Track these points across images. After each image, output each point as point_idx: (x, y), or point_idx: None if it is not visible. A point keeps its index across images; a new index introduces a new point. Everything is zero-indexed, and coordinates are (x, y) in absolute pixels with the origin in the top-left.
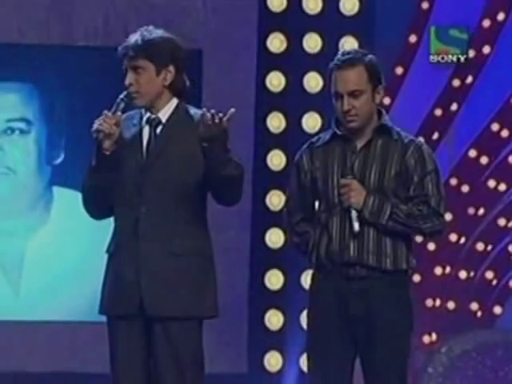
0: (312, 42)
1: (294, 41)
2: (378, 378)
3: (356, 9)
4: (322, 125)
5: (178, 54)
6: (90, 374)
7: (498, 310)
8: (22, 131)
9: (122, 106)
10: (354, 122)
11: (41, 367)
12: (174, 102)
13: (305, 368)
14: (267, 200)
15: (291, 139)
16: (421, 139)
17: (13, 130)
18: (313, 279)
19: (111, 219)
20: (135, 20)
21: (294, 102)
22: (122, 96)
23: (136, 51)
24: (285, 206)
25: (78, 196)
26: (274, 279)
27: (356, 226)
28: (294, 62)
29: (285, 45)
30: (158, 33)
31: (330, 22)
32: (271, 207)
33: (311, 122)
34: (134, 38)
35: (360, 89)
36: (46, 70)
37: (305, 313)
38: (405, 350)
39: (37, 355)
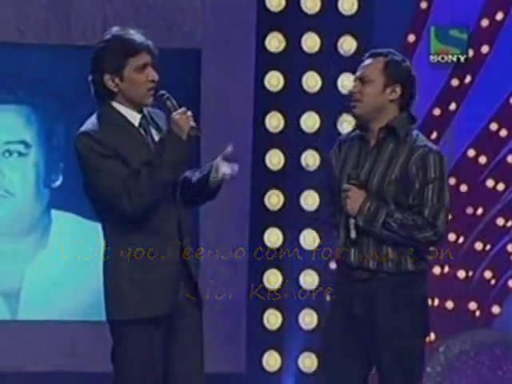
0: (310, 42)
1: (293, 40)
2: (385, 380)
3: (354, 8)
4: (321, 124)
5: None
6: (90, 373)
7: (496, 309)
8: (20, 154)
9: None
10: (355, 107)
11: (40, 367)
12: None
13: (303, 368)
14: (266, 199)
15: (290, 139)
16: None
17: (11, 153)
18: (334, 279)
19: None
20: (134, 20)
21: (292, 101)
22: (166, 94)
23: (155, 51)
24: None
25: (77, 219)
26: (273, 279)
27: (353, 233)
28: (293, 62)
29: (283, 44)
30: None
31: (329, 22)
32: (270, 207)
33: (310, 121)
34: (140, 33)
35: (369, 76)
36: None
37: (303, 312)
38: (412, 351)
39: (36, 355)
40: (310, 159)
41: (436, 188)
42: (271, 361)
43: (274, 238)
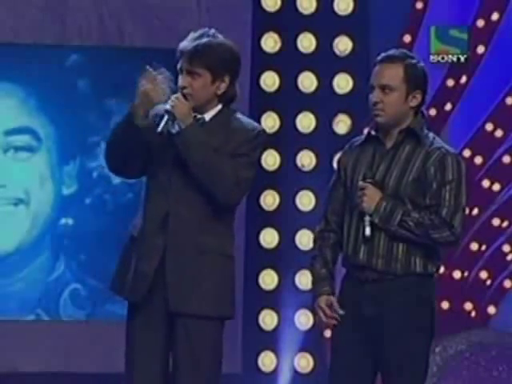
0: (306, 42)
1: (288, 40)
2: (391, 380)
3: (350, 8)
4: (317, 124)
5: (235, 65)
6: (84, 374)
7: (492, 310)
8: (26, 159)
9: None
10: (379, 116)
11: (34, 367)
12: (219, 106)
13: (299, 368)
14: (261, 200)
15: (285, 139)
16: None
17: (18, 150)
18: (342, 279)
19: None
20: (129, 20)
21: (288, 101)
22: (168, 108)
23: (194, 58)
24: None
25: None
26: (268, 279)
27: (367, 230)
28: (288, 62)
29: (279, 44)
30: (219, 40)
31: (324, 22)
32: (265, 207)
33: (305, 121)
34: (195, 40)
35: (391, 85)
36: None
37: (298, 312)
38: (419, 352)
39: (30, 355)
40: (306, 159)
41: (453, 189)
42: (267, 361)
43: (269, 238)
